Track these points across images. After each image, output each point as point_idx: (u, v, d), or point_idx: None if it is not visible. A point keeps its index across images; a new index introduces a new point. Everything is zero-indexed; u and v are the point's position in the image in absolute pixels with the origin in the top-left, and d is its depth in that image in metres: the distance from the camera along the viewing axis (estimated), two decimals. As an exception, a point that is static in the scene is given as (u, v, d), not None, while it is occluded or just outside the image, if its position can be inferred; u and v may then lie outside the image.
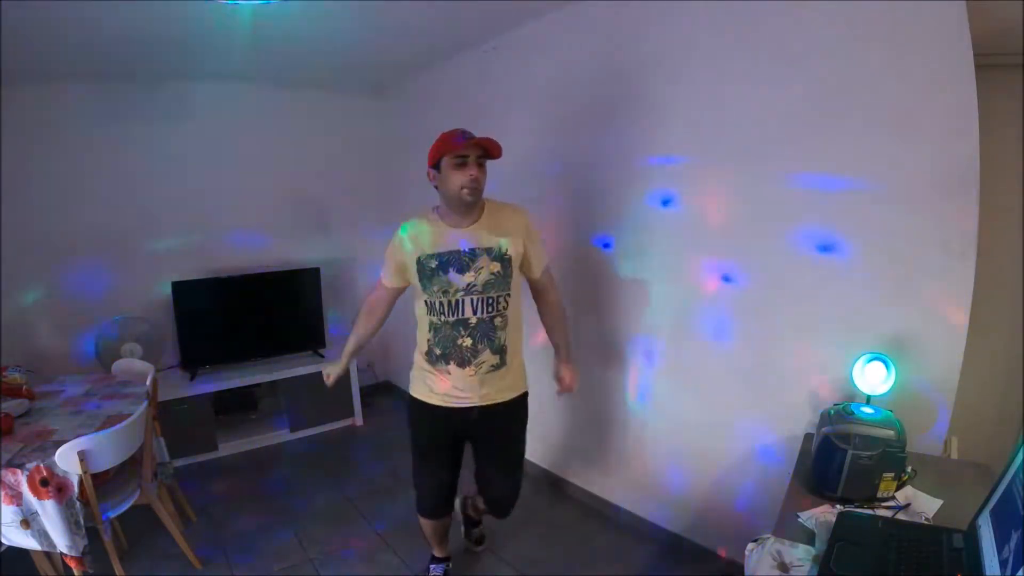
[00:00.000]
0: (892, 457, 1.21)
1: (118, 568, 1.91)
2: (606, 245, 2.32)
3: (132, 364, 2.54)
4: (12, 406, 1.98)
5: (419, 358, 1.82)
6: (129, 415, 1.90)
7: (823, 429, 1.29)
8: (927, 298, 1.47)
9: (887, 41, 1.47)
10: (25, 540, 1.70)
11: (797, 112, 1.67)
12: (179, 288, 3.19)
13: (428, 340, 1.76)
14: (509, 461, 1.93)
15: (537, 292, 1.90)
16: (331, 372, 1.96)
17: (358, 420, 3.68)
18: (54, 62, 2.61)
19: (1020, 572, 0.77)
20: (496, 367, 1.75)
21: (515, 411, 1.86)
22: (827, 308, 1.67)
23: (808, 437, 1.49)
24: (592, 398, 2.51)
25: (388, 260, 1.79)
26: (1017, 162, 1.74)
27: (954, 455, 1.48)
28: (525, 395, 1.89)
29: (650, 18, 2.02)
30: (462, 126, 1.65)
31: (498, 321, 1.72)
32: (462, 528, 2.28)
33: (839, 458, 1.23)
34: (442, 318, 1.71)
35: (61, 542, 1.70)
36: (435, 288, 1.69)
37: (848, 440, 1.23)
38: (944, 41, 1.36)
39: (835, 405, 1.37)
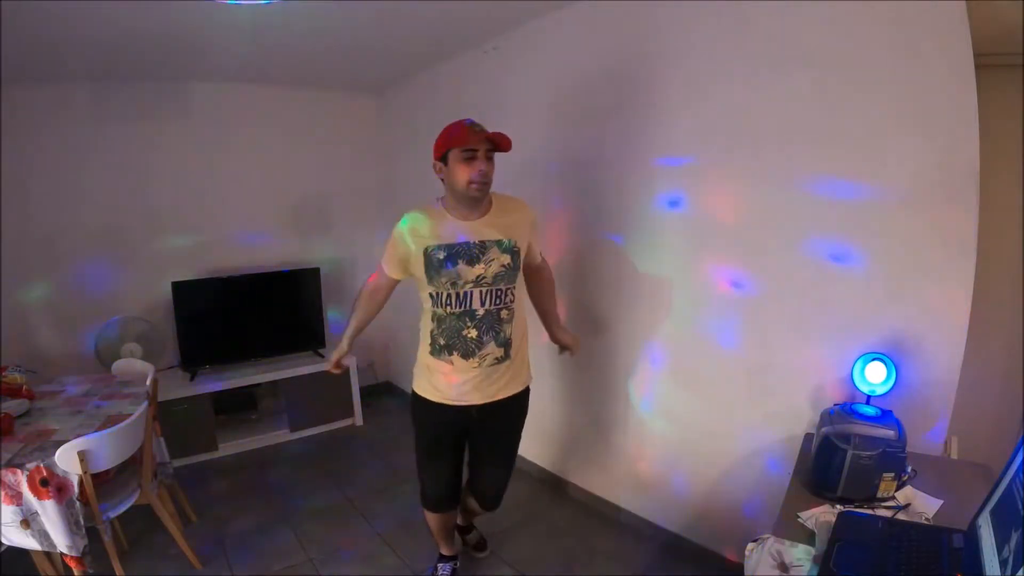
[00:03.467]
0: (892, 457, 1.21)
1: (118, 568, 1.91)
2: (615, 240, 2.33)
3: (132, 364, 2.54)
4: (12, 406, 1.98)
5: (423, 353, 1.80)
6: (129, 415, 1.90)
7: (823, 429, 1.29)
8: (927, 298, 1.47)
9: (887, 41, 1.47)
10: (25, 540, 1.70)
11: (797, 113, 1.67)
12: (179, 288, 3.19)
13: (432, 331, 1.74)
14: (504, 455, 1.93)
15: (531, 272, 1.90)
16: (335, 356, 1.93)
17: (358, 420, 3.68)
18: (54, 62, 2.61)
19: (1020, 572, 0.77)
20: (500, 360, 1.73)
21: (515, 407, 1.85)
22: (827, 308, 1.67)
23: (808, 437, 1.49)
24: (592, 398, 2.51)
25: (390, 252, 1.74)
26: (1017, 162, 1.74)
27: (954, 455, 1.48)
28: (527, 390, 1.88)
29: (652, 17, 2.02)
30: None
31: (504, 314, 1.72)
32: (459, 538, 2.25)
33: (839, 458, 1.23)
34: (448, 309, 1.69)
35: (61, 542, 1.70)
36: (443, 280, 1.66)
37: (848, 440, 1.23)
38: (944, 41, 1.36)
39: (835, 405, 1.37)
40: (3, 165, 2.82)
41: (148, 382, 2.23)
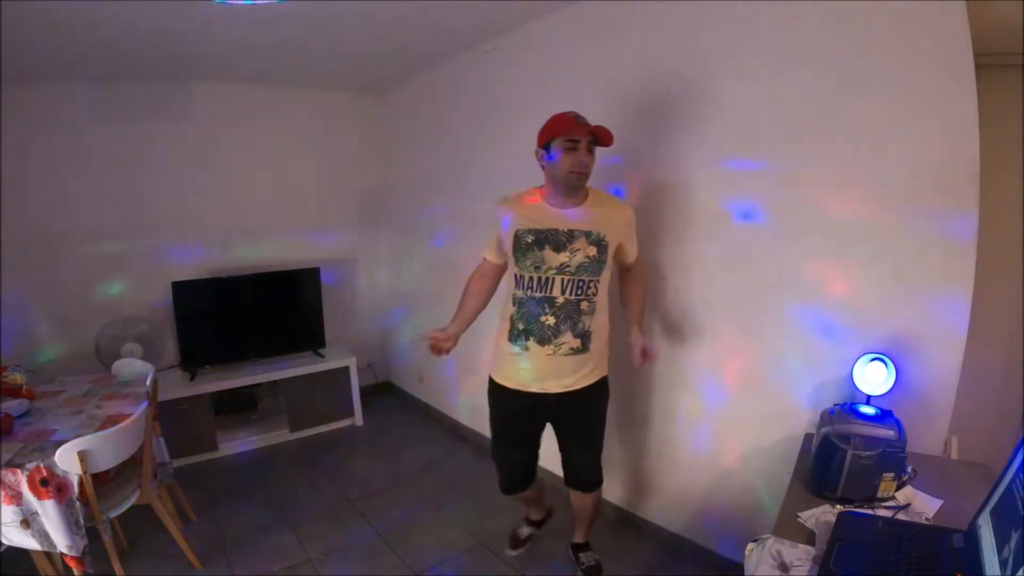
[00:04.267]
0: (892, 457, 1.21)
1: (118, 568, 1.91)
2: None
3: (132, 364, 2.54)
4: (12, 406, 1.98)
5: (501, 339, 1.83)
6: (129, 415, 1.90)
7: (823, 429, 1.29)
8: (927, 298, 1.47)
9: (887, 41, 1.47)
10: (25, 540, 1.70)
11: (796, 112, 1.67)
12: (179, 288, 3.19)
13: (512, 315, 1.78)
14: (587, 440, 1.93)
15: (625, 270, 1.90)
16: (437, 332, 1.82)
17: (358, 420, 3.68)
18: (55, 61, 2.61)
19: (1020, 572, 0.77)
20: (576, 351, 1.76)
21: (594, 394, 1.86)
22: (827, 308, 1.67)
23: (808, 437, 1.49)
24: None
25: (488, 234, 1.83)
26: (1017, 162, 1.74)
27: (954, 455, 1.48)
28: (604, 379, 1.88)
29: (650, 18, 2.02)
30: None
31: (584, 305, 1.74)
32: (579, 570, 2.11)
33: (839, 458, 1.23)
34: (529, 292, 1.73)
35: (61, 542, 1.70)
36: (528, 262, 1.72)
37: (848, 440, 1.23)
38: (944, 41, 1.36)
39: (835, 405, 1.37)
40: (3, 165, 2.82)
41: (148, 382, 2.24)
